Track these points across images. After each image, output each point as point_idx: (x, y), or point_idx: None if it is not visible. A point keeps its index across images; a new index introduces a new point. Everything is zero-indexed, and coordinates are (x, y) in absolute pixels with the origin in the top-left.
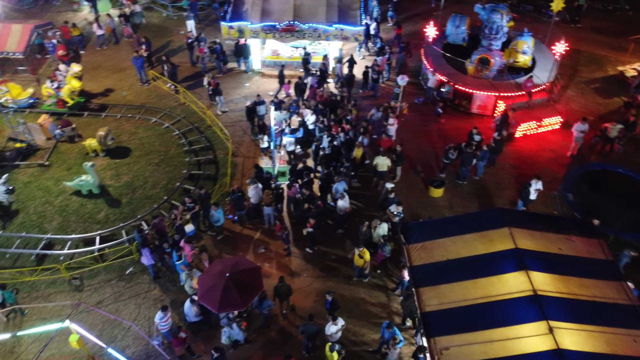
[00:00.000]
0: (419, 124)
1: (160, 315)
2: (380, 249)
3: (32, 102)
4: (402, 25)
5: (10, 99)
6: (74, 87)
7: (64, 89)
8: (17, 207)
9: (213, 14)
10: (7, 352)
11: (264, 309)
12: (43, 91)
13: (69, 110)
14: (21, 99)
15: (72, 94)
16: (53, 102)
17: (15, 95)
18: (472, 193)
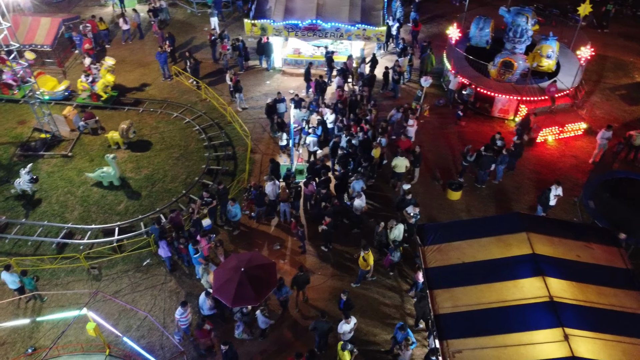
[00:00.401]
0: (439, 126)
1: (180, 311)
2: (389, 253)
3: (67, 94)
4: (419, 22)
5: (46, 90)
6: (108, 81)
7: (98, 82)
8: (40, 196)
9: (237, 11)
10: (25, 337)
11: (282, 295)
12: (78, 85)
13: (103, 103)
14: (57, 91)
15: (105, 88)
16: (87, 95)
17: (50, 87)
18: (490, 197)
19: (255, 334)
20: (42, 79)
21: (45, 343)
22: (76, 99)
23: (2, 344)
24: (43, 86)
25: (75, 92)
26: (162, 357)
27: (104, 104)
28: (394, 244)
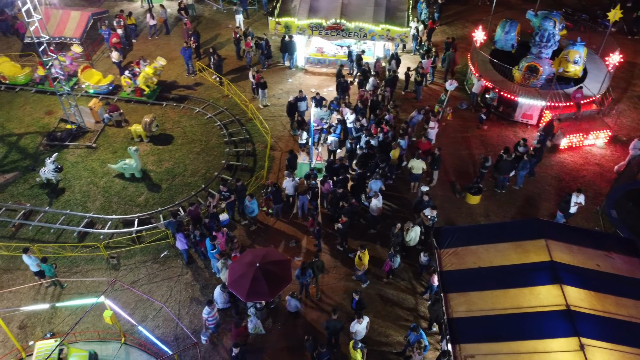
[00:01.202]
0: (461, 130)
1: (207, 310)
2: (389, 259)
3: (111, 88)
4: (435, 21)
5: (91, 84)
6: (148, 73)
7: (139, 76)
8: (64, 185)
9: (262, 9)
10: (44, 322)
11: (306, 279)
12: (122, 81)
13: (147, 98)
14: (101, 85)
15: (147, 81)
16: (131, 90)
17: (95, 81)
18: (510, 202)
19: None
20: (88, 72)
21: (64, 329)
22: (120, 94)
23: (22, 327)
24: (88, 80)
25: (120, 87)
26: (175, 347)
27: (147, 98)
28: (395, 249)
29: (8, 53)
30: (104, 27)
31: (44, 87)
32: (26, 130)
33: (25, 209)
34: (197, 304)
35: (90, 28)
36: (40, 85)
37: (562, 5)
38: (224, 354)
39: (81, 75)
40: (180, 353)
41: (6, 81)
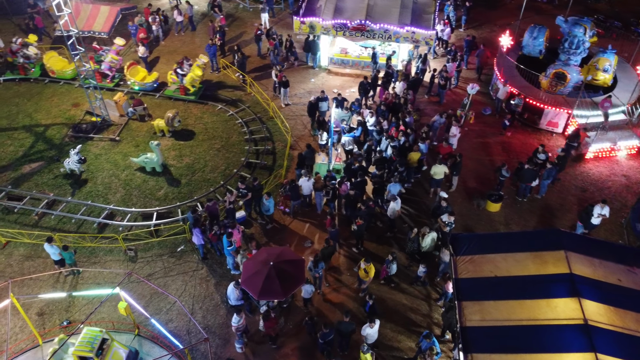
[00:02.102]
0: (483, 135)
1: (237, 319)
2: (385, 265)
3: (155, 86)
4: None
5: (136, 81)
6: (197, 75)
7: (187, 77)
8: (87, 176)
9: (288, 8)
10: (62, 310)
11: (318, 272)
12: (168, 77)
13: (190, 97)
14: (146, 82)
15: (193, 82)
16: (176, 88)
17: (140, 78)
18: (531, 211)
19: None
20: (134, 69)
21: (80, 317)
22: (165, 91)
23: (41, 314)
24: (134, 77)
25: (165, 84)
26: (187, 341)
27: (192, 97)
28: (392, 256)
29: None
30: (131, 23)
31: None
32: (53, 121)
33: (49, 199)
34: (211, 300)
35: (118, 23)
36: (87, 80)
37: (595, 11)
38: (235, 351)
39: (127, 72)
40: (191, 348)
41: (54, 75)
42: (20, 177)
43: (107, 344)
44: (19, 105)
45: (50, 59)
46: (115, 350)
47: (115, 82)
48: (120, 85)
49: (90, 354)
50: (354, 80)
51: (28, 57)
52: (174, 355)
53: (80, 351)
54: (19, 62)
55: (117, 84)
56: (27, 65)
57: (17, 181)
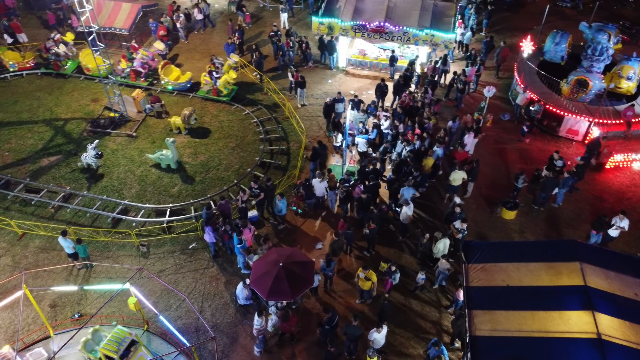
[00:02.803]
0: (501, 141)
1: (259, 321)
2: (388, 276)
3: (189, 86)
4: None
5: (170, 81)
6: (231, 77)
7: (221, 79)
8: (103, 171)
9: (308, 8)
10: (74, 303)
11: (330, 271)
12: (201, 78)
13: (223, 98)
14: (180, 82)
15: (227, 84)
16: (209, 89)
17: (174, 78)
18: (547, 220)
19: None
20: (168, 69)
21: (91, 311)
22: (197, 91)
23: (53, 306)
24: (167, 76)
25: (198, 84)
26: (195, 339)
27: (225, 98)
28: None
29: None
30: (151, 20)
31: (125, 80)
32: (72, 116)
33: (65, 192)
34: (220, 298)
35: (139, 20)
36: (119, 77)
37: (620, 17)
38: (242, 350)
39: (161, 71)
40: (198, 346)
41: (90, 73)
42: (39, 170)
43: (134, 347)
44: (40, 99)
45: (86, 57)
46: (140, 356)
47: (149, 81)
48: (154, 84)
49: (115, 354)
50: (372, 82)
51: (57, 54)
52: (181, 353)
53: (107, 350)
54: (51, 59)
55: (150, 83)
56: (59, 63)
57: (35, 174)
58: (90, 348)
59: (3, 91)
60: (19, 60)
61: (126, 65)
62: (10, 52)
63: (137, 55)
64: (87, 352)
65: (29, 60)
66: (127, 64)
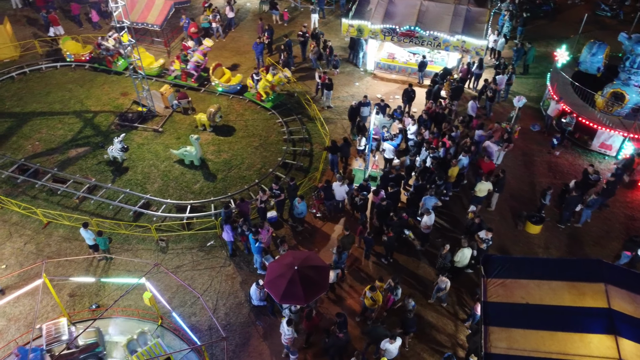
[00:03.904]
0: (530, 153)
1: (290, 330)
2: (389, 292)
3: (239, 88)
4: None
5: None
6: (268, 80)
7: (260, 82)
8: (128, 164)
9: (339, 9)
10: (92, 294)
11: (343, 263)
12: (248, 81)
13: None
14: (230, 85)
15: (266, 88)
16: (253, 93)
17: (225, 80)
18: (573, 237)
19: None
20: (219, 71)
21: (108, 302)
22: (245, 94)
23: (72, 295)
24: (218, 78)
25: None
26: (208, 337)
27: (268, 104)
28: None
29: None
30: (184, 17)
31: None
32: (102, 109)
33: (91, 184)
34: (235, 298)
35: (171, 16)
36: (170, 77)
37: None
38: (253, 351)
39: (212, 73)
40: (209, 345)
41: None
42: (67, 160)
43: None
44: (72, 90)
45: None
46: None
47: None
48: (205, 85)
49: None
50: (399, 87)
51: (108, 49)
52: (193, 350)
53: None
54: (102, 55)
55: (201, 84)
56: (111, 59)
57: (63, 164)
58: (132, 348)
59: (38, 82)
60: (78, 52)
61: (179, 66)
62: (71, 43)
63: (190, 57)
64: (128, 352)
65: (85, 53)
66: (180, 64)
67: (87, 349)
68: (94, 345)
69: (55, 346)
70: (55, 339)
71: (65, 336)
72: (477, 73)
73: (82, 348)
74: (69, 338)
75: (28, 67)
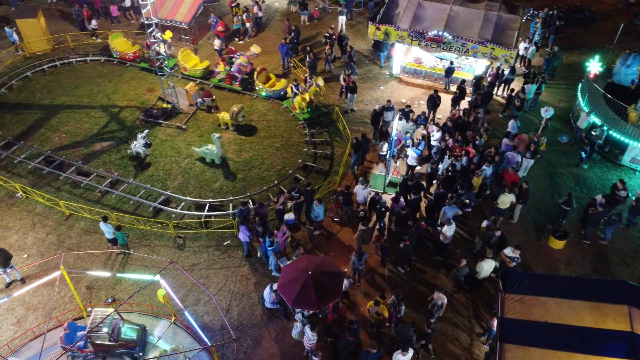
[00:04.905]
0: (556, 165)
1: (312, 335)
2: (392, 308)
3: (282, 94)
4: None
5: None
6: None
7: (297, 97)
8: (150, 160)
9: (367, 12)
10: (109, 288)
11: (362, 264)
12: (288, 88)
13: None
14: (274, 90)
15: (301, 104)
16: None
17: (269, 85)
18: (598, 254)
19: None
20: (263, 75)
21: (124, 297)
22: (285, 102)
23: (90, 288)
24: (262, 82)
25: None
26: (220, 337)
27: (301, 117)
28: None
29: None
30: (213, 16)
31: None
32: (128, 104)
33: (113, 178)
34: (248, 299)
35: (199, 15)
36: (214, 79)
37: None
38: (264, 353)
39: (256, 77)
40: (219, 346)
41: (186, 72)
42: (91, 154)
43: None
44: (100, 85)
45: (183, 57)
46: None
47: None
48: (248, 88)
49: None
50: (425, 92)
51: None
52: (204, 350)
53: None
54: (151, 56)
55: (245, 88)
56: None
57: (87, 157)
58: None
59: (68, 75)
60: (126, 50)
61: (224, 68)
62: (121, 40)
63: (236, 60)
64: None
65: (130, 52)
66: (225, 67)
67: (124, 345)
68: (132, 343)
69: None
70: (98, 328)
71: (107, 328)
72: (508, 78)
73: (121, 343)
74: (108, 331)
75: (59, 61)
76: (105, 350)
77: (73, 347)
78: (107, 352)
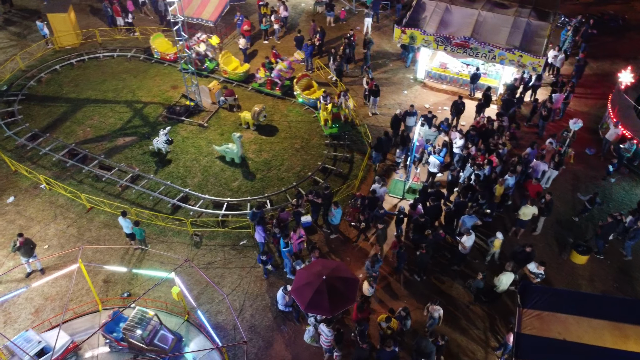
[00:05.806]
0: (582, 177)
1: (330, 332)
2: (399, 321)
3: (315, 102)
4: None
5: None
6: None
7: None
8: (171, 157)
9: (394, 14)
10: (125, 282)
11: (375, 271)
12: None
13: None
14: (310, 98)
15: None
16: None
17: (308, 92)
18: (622, 271)
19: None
20: (304, 81)
21: (140, 292)
22: (317, 112)
23: (107, 281)
24: (301, 89)
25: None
26: (232, 337)
27: (331, 130)
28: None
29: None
30: (239, 14)
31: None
32: (151, 100)
33: (134, 173)
34: (262, 300)
35: (225, 13)
36: (255, 84)
37: None
38: (276, 356)
39: (296, 83)
40: (230, 347)
41: (226, 75)
42: (114, 148)
43: None
44: (125, 80)
45: (224, 59)
46: None
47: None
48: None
49: None
50: (449, 97)
51: (198, 53)
52: (215, 349)
53: None
54: (192, 57)
55: (285, 93)
56: (198, 62)
57: (110, 152)
58: None
59: (95, 70)
60: (166, 50)
61: (264, 74)
62: (162, 40)
63: (276, 65)
64: None
65: (171, 53)
66: (265, 72)
67: (155, 351)
68: (162, 352)
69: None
70: (135, 327)
71: (142, 330)
72: (536, 84)
73: (152, 348)
74: (143, 333)
75: (87, 55)
76: (138, 350)
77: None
78: (140, 352)
